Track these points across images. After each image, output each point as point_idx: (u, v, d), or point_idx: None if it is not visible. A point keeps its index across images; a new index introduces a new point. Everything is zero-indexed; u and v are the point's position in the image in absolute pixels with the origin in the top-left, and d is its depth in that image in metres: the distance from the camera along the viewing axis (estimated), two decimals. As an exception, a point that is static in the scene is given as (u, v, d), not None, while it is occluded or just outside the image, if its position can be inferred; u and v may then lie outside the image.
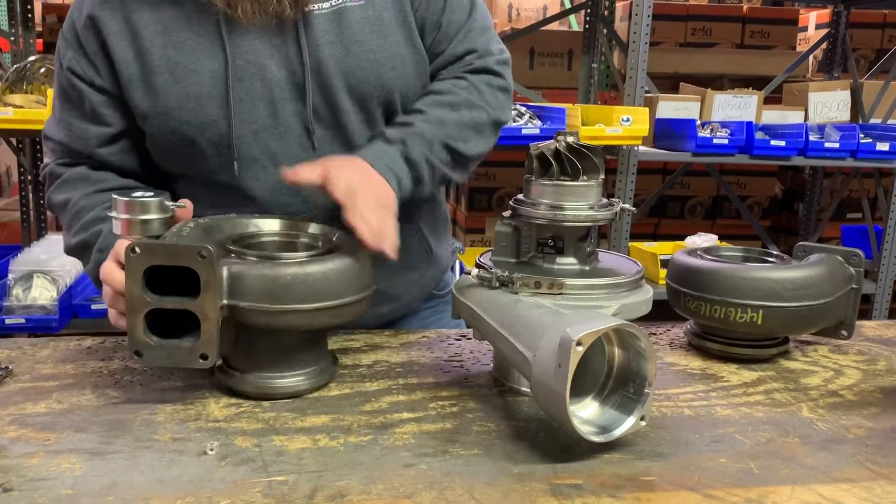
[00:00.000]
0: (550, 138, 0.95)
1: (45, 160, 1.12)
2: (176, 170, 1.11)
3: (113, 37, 1.03)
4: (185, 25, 1.02)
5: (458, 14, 1.13)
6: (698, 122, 3.29)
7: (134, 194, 0.91)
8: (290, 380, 0.89)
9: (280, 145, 1.05)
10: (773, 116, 3.77)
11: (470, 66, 1.14)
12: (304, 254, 0.89)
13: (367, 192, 0.94)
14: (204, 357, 0.82)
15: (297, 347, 0.89)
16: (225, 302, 0.82)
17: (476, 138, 1.12)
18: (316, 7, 1.03)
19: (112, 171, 1.10)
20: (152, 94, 1.02)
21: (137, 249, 0.80)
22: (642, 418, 0.78)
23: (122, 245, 0.88)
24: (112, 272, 0.90)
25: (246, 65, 1.02)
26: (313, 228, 0.98)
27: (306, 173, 0.94)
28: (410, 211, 1.12)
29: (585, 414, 0.80)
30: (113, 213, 0.90)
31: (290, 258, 0.86)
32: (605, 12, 3.80)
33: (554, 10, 4.70)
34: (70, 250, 1.07)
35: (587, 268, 0.95)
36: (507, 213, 0.97)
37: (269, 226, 0.98)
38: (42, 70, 2.82)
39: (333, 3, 1.05)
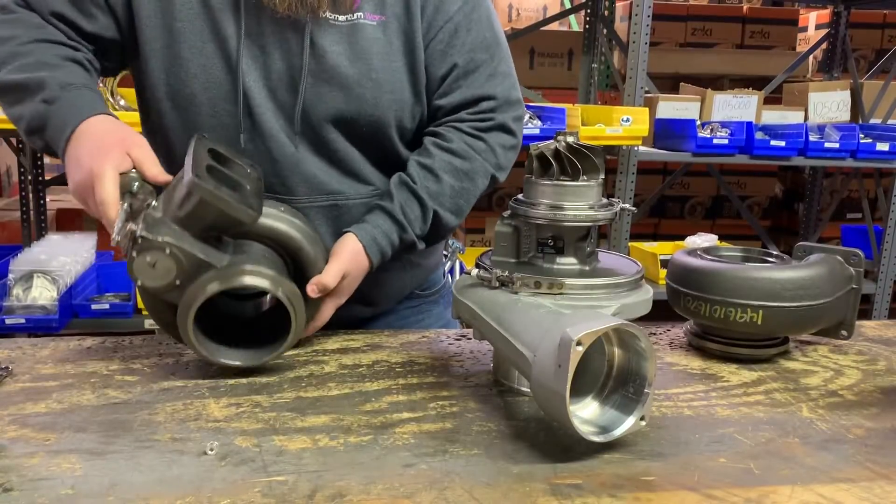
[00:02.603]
0: (550, 138, 0.95)
1: None
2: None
3: None
4: None
5: (479, 53, 1.14)
6: (698, 123, 3.29)
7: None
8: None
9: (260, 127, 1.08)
10: (773, 116, 3.77)
11: (488, 120, 1.15)
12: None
13: (350, 287, 1.07)
14: (252, 208, 0.90)
15: None
16: None
17: (465, 210, 1.18)
18: (332, 17, 1.05)
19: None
20: (168, 35, 1.05)
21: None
22: (642, 418, 0.78)
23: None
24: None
25: (251, 44, 1.05)
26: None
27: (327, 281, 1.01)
28: None
29: (585, 414, 0.80)
30: None
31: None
32: (605, 12, 3.80)
33: (554, 10, 4.70)
34: (1, 86, 1.01)
35: (587, 268, 0.95)
36: (507, 213, 0.97)
37: None
38: (42, 70, 2.82)
39: (350, 18, 1.06)
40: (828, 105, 3.89)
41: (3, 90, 1.02)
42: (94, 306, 2.75)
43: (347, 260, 1.04)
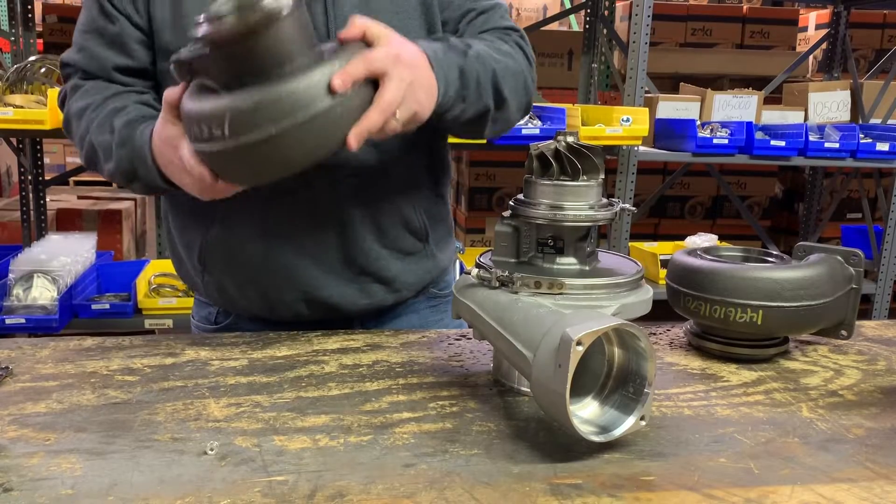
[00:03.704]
0: (550, 138, 0.95)
1: (64, 86, 1.14)
2: None
3: None
4: None
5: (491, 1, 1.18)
6: (698, 122, 3.30)
7: None
8: None
9: None
10: (773, 116, 3.78)
11: (499, 25, 1.16)
12: None
13: (411, 64, 0.91)
14: None
15: None
16: None
17: (516, 89, 1.11)
18: None
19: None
20: (181, 37, 1.05)
21: None
22: (642, 418, 0.78)
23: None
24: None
25: None
26: None
27: (356, 30, 0.90)
28: (418, 187, 1.16)
29: (585, 414, 0.80)
30: None
31: None
32: (605, 12, 3.80)
33: (554, 10, 4.70)
34: (90, 151, 1.06)
35: (587, 268, 0.95)
36: (507, 213, 0.97)
37: None
38: (42, 70, 2.82)
39: None
40: (828, 105, 3.89)
41: (94, 154, 1.06)
42: (94, 306, 2.75)
43: (399, 38, 0.92)
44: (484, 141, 1.25)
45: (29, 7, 3.32)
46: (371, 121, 0.86)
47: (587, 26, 3.84)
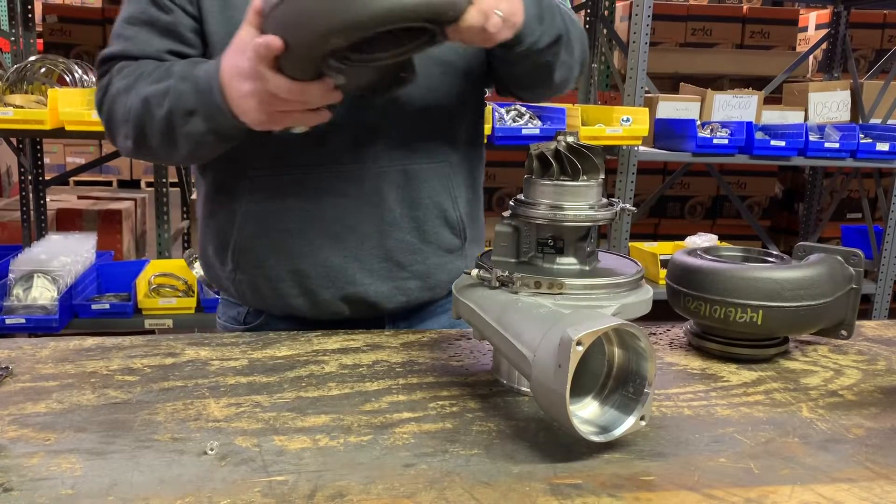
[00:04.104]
0: (550, 138, 0.95)
1: (102, 81, 1.10)
2: None
3: None
4: None
5: None
6: (698, 122, 3.30)
7: None
8: None
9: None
10: (773, 116, 3.78)
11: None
12: None
13: None
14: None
15: None
16: None
17: (579, 34, 1.11)
18: None
19: None
20: (227, 26, 1.04)
21: None
22: (642, 418, 0.78)
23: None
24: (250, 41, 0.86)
25: None
26: None
27: None
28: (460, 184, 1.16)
29: (585, 414, 0.80)
30: None
31: None
32: (605, 12, 3.80)
33: (554, 10, 4.69)
34: (142, 108, 1.01)
35: (587, 268, 0.95)
36: (507, 213, 0.97)
37: None
38: (42, 70, 2.83)
39: None
40: (828, 105, 3.89)
41: (146, 108, 1.01)
42: (94, 306, 2.75)
43: None
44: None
45: (29, 7, 3.32)
46: (472, 13, 0.84)
47: (587, 26, 3.84)
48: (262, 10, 0.85)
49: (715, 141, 3.20)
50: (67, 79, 2.86)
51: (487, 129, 2.76)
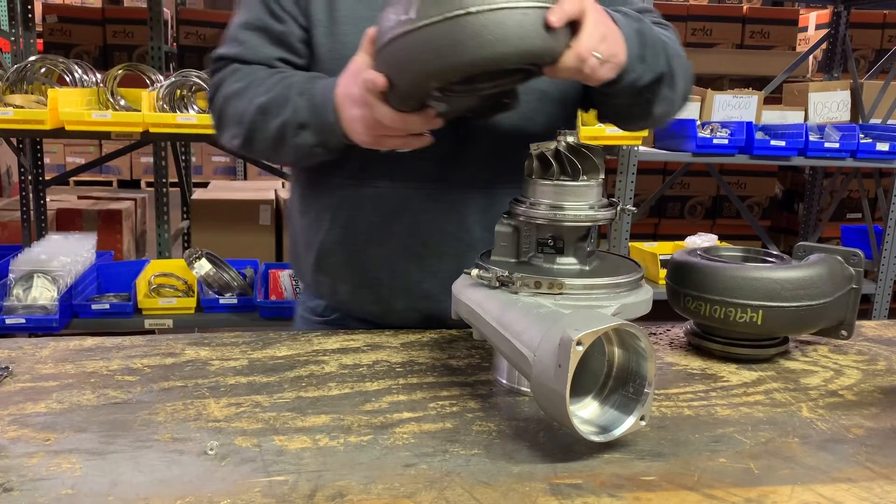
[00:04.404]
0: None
1: (214, 79, 1.16)
2: None
3: None
4: None
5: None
6: (698, 122, 3.30)
7: None
8: None
9: None
10: (773, 116, 3.78)
11: (653, 21, 1.12)
12: None
13: (603, 13, 0.91)
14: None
15: None
16: None
17: (682, 69, 1.09)
18: None
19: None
20: (333, 39, 1.08)
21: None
22: (642, 418, 0.78)
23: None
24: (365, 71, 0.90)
25: None
26: None
27: (567, 11, 0.86)
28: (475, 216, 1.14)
29: (585, 414, 0.80)
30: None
31: None
32: (605, 12, 3.79)
33: (554, 10, 4.69)
34: (256, 114, 1.07)
35: (587, 268, 0.95)
36: (507, 213, 0.97)
37: None
38: (42, 70, 2.83)
39: None
40: (828, 105, 3.89)
41: (261, 115, 1.06)
42: (94, 306, 2.75)
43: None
44: (643, 133, 1.23)
45: (29, 7, 3.32)
46: (569, 56, 0.86)
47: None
48: (374, 41, 0.89)
49: (715, 141, 3.20)
50: (67, 79, 2.86)
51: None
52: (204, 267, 2.87)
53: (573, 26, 0.86)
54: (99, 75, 2.93)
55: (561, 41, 0.85)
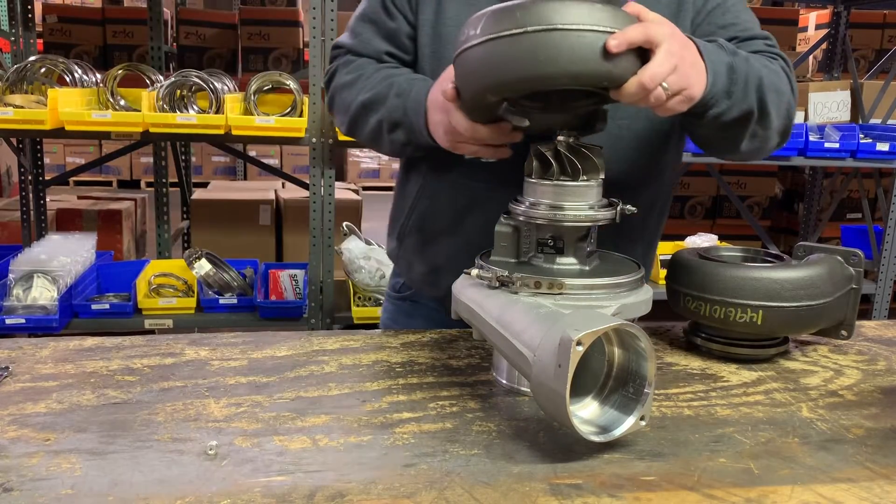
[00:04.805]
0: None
1: (331, 66, 1.25)
2: None
3: None
4: None
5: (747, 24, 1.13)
6: (698, 122, 3.28)
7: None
8: None
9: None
10: (773, 116, 3.76)
11: (763, 50, 1.10)
12: None
13: (682, 43, 0.88)
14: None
15: None
16: None
17: (779, 106, 1.05)
18: None
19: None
20: (436, 41, 1.13)
21: None
22: (642, 418, 0.78)
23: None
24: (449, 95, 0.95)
25: None
26: None
27: (629, 38, 0.84)
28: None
29: (585, 414, 0.80)
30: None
31: None
32: (605, 12, 3.79)
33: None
34: (358, 109, 1.14)
35: (587, 268, 0.95)
36: (506, 213, 0.97)
37: None
38: (42, 70, 2.82)
39: None
40: (828, 105, 3.89)
41: (362, 110, 1.15)
42: (94, 306, 2.75)
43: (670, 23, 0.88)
44: (735, 158, 1.15)
45: (29, 7, 3.32)
46: (631, 84, 0.85)
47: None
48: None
49: (715, 141, 3.20)
50: (67, 79, 2.86)
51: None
52: (204, 267, 2.87)
53: (644, 53, 0.84)
54: (99, 75, 2.93)
55: (623, 67, 0.83)
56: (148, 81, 2.98)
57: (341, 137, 2.78)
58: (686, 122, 1.05)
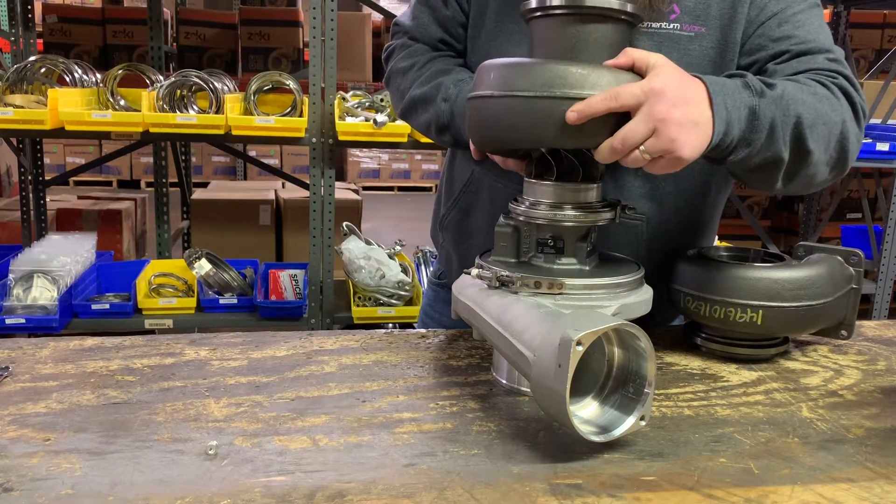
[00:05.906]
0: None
1: (390, 45, 1.28)
2: None
3: None
4: None
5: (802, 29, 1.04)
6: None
7: None
8: None
9: None
10: (773, 116, 3.76)
11: (822, 67, 1.01)
12: None
13: (675, 99, 0.82)
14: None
15: None
16: None
17: (826, 141, 0.95)
18: (646, 25, 1.03)
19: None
20: (479, 31, 1.14)
21: None
22: (642, 418, 0.78)
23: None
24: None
25: None
26: None
27: (624, 59, 0.86)
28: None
29: (585, 414, 0.80)
30: None
31: None
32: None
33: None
34: (409, 103, 1.18)
35: (587, 268, 0.95)
36: (506, 213, 0.97)
37: None
38: (42, 70, 2.83)
39: (664, 27, 1.04)
40: (828, 105, 3.88)
41: (413, 105, 1.17)
42: (94, 306, 2.75)
43: (673, 70, 0.85)
44: (774, 193, 1.06)
45: (29, 7, 3.32)
46: (603, 148, 0.84)
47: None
48: None
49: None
50: (67, 79, 2.86)
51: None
52: (204, 267, 2.87)
53: (626, 115, 0.83)
54: (99, 75, 2.93)
55: (591, 132, 0.83)
56: (148, 81, 2.98)
57: (341, 137, 2.79)
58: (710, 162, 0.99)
